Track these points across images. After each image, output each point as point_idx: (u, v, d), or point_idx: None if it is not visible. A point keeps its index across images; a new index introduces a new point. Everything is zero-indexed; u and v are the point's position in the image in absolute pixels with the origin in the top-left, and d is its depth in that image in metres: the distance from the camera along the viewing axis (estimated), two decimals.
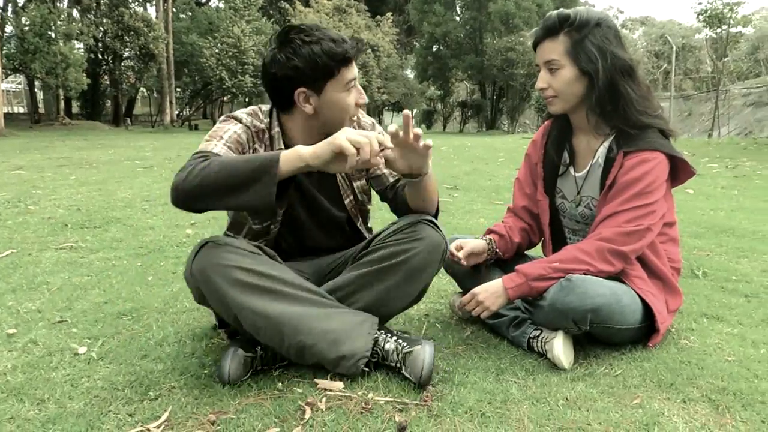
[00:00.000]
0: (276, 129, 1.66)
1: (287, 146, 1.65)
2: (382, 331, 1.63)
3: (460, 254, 1.89)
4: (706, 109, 21.27)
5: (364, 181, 1.82)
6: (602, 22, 1.72)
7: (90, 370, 1.66)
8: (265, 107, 1.71)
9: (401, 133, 1.44)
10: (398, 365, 1.57)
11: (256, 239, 1.72)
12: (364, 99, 1.64)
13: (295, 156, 1.37)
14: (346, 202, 1.79)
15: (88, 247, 3.16)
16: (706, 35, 24.02)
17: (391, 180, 1.78)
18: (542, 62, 1.78)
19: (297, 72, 1.54)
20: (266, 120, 1.67)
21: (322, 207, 1.78)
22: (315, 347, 1.53)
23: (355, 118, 1.70)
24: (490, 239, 1.99)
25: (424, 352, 1.54)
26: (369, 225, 1.94)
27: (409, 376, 1.55)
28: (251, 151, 1.62)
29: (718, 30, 18.84)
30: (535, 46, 1.81)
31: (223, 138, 1.56)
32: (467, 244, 1.92)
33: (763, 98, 20.11)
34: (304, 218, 1.78)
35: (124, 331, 1.96)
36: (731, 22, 18.19)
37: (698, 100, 23.49)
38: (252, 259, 1.52)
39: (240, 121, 1.62)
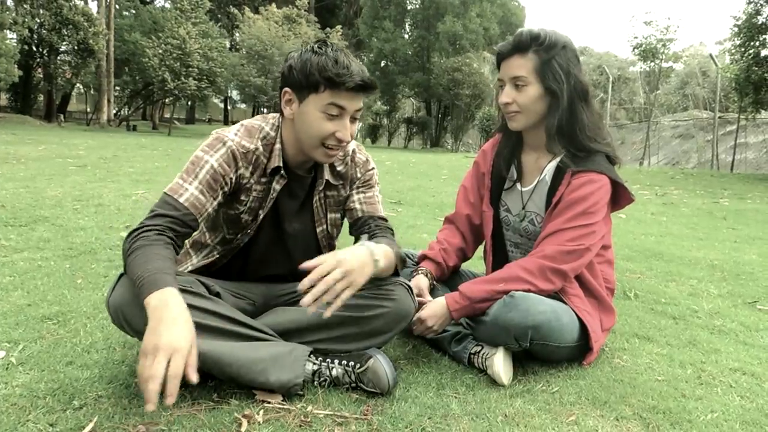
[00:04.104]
0: (278, 145, 1.63)
1: (285, 162, 1.63)
2: (321, 358, 1.60)
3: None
4: (638, 139, 22.27)
5: (339, 215, 1.79)
6: (567, 45, 1.79)
7: (8, 376, 1.55)
8: (274, 118, 1.67)
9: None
10: (353, 385, 1.56)
11: (224, 245, 1.72)
12: (345, 136, 1.56)
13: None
14: (318, 230, 1.76)
15: (12, 246, 2.98)
16: (640, 68, 25.23)
17: (359, 215, 1.76)
18: (508, 78, 1.81)
19: (289, 71, 1.54)
20: (272, 133, 1.64)
21: (295, 231, 1.73)
22: (242, 378, 1.49)
23: (332, 157, 1.62)
24: (428, 272, 2.00)
25: (381, 364, 1.54)
26: None
27: (373, 390, 1.54)
28: (234, 175, 1.59)
29: (651, 64, 19.84)
30: (501, 61, 1.84)
31: (198, 177, 1.54)
32: (425, 295, 1.91)
33: (690, 131, 21.25)
34: (275, 239, 1.73)
35: (48, 335, 1.85)
36: (663, 57, 19.21)
37: (631, 129, 24.58)
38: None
39: (225, 143, 1.58)
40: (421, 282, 1.95)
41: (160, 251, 1.38)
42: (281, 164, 1.62)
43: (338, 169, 1.74)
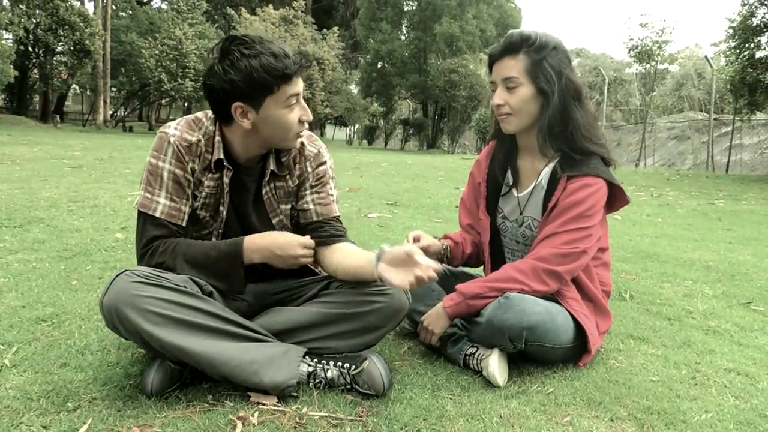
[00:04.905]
0: (218, 138, 1.61)
1: (227, 155, 1.63)
2: (316, 360, 1.60)
3: (417, 245, 1.89)
4: (634, 140, 22.31)
5: (289, 206, 1.75)
6: (558, 46, 1.79)
7: (1, 378, 1.55)
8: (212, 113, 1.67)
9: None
10: (348, 386, 1.56)
11: None
12: (308, 116, 1.59)
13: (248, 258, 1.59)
14: (275, 221, 1.74)
15: (7, 248, 2.97)
16: (636, 70, 25.26)
17: (314, 218, 1.72)
18: (500, 79, 1.81)
19: (233, 86, 1.48)
20: (211, 127, 1.62)
21: (254, 224, 1.72)
22: (236, 378, 1.48)
23: (300, 138, 1.66)
24: (446, 245, 2.02)
25: (377, 365, 1.55)
26: None
27: (368, 392, 1.54)
28: (189, 169, 1.60)
29: (647, 66, 19.85)
30: (492, 63, 1.84)
31: (163, 186, 1.57)
32: (424, 238, 1.94)
33: (686, 133, 21.31)
34: (239, 234, 1.72)
35: (42, 337, 1.84)
36: (659, 59, 19.22)
37: (627, 131, 24.63)
38: (168, 290, 1.44)
39: (170, 142, 1.58)
40: (432, 241, 1.98)
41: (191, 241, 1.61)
42: (222, 156, 1.61)
43: (282, 159, 1.71)
